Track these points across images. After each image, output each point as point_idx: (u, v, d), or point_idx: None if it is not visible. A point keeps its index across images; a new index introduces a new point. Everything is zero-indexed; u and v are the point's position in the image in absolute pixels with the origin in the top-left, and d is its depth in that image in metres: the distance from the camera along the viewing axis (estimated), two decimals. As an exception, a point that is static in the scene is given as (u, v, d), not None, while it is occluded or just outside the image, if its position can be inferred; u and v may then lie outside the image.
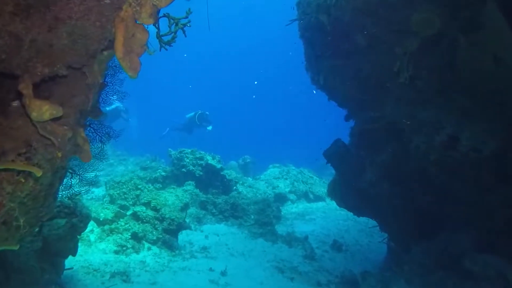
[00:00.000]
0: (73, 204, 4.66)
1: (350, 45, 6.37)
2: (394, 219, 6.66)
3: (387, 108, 6.06)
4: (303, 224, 11.03)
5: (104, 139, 3.90)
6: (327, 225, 11.00)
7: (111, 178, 11.74)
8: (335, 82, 7.13)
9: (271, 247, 8.42)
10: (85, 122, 3.80)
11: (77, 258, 5.73)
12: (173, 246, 6.91)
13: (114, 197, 8.87)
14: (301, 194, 13.40)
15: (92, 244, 6.29)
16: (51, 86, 2.52)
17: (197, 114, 15.61)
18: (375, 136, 6.43)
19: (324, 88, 7.50)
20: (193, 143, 15.15)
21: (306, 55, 7.68)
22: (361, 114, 6.91)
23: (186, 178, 10.70)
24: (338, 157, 6.91)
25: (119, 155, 15.61)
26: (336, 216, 11.98)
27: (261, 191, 12.53)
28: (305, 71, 8.00)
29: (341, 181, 7.27)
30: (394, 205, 6.41)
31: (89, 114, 2.87)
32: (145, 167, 11.50)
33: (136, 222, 6.99)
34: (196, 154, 10.97)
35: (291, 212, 12.16)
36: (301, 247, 8.69)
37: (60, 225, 4.44)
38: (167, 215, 7.08)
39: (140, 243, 6.69)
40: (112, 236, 6.53)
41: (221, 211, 9.53)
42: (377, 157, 6.39)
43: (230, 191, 11.14)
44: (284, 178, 13.77)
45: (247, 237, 8.70)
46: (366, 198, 6.82)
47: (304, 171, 15.03)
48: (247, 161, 16.28)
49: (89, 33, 2.14)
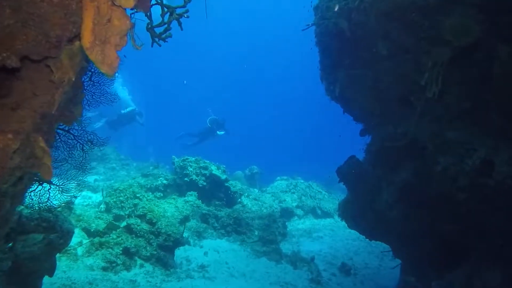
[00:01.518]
0: (54, 217, 4.15)
1: (370, 53, 5.84)
2: (411, 246, 6.04)
3: (409, 124, 5.48)
4: (310, 242, 10.41)
5: (86, 147, 3.39)
6: (335, 245, 10.36)
7: (110, 183, 11.28)
8: (351, 93, 6.60)
9: (274, 268, 7.82)
10: (64, 128, 3.31)
11: (59, 275, 5.22)
12: (168, 264, 6.35)
13: (110, 206, 8.38)
14: (309, 210, 12.78)
15: (79, 258, 5.77)
16: (10, 82, 2.03)
17: (210, 118, 15.05)
18: (394, 154, 5.84)
19: (339, 99, 6.96)
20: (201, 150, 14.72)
21: (321, 63, 7.15)
22: (379, 129, 6.34)
23: (189, 188, 10.17)
24: (353, 176, 6.33)
25: (122, 160, 15.17)
26: (345, 235, 11.33)
27: (267, 204, 11.95)
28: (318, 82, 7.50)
29: (354, 201, 6.67)
30: (412, 230, 5.81)
31: (58, 118, 2.37)
32: (147, 174, 10.99)
33: (129, 235, 6.46)
34: (200, 163, 10.45)
35: (298, 228, 11.55)
36: (307, 268, 8.08)
37: (36, 241, 3.92)
38: (163, 230, 6.54)
39: (132, 259, 6.15)
40: (101, 251, 6.00)
41: (223, 225, 8.96)
42: (395, 177, 5.80)
43: (234, 203, 10.57)
44: (292, 192, 13.18)
45: (249, 256, 8.11)
46: (381, 221, 6.21)
47: (313, 185, 14.42)
48: (254, 172, 15.72)
49: (45, 13, 1.63)
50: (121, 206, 8.38)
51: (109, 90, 3.54)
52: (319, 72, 7.35)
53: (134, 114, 15.42)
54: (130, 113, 15.31)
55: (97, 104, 3.46)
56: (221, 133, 15.01)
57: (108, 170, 14.17)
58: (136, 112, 15.49)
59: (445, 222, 5.30)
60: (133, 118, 15.46)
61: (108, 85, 3.52)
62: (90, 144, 3.34)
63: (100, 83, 3.41)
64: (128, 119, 15.43)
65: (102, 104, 3.50)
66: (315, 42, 7.00)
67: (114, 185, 9.35)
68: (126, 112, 15.27)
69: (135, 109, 15.53)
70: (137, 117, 15.54)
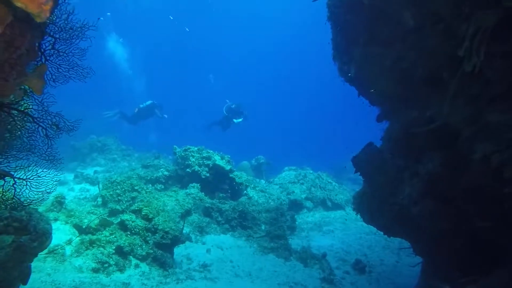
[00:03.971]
0: (27, 216, 3.55)
1: (392, 27, 5.12)
2: (436, 245, 5.38)
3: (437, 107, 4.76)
4: (321, 236, 9.79)
5: (50, 132, 2.75)
6: (348, 239, 9.73)
7: (110, 175, 10.73)
8: (368, 73, 5.88)
9: (283, 266, 7.21)
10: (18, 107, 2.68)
11: (43, 278, 4.65)
12: (166, 264, 5.77)
13: (106, 199, 7.82)
14: (319, 202, 12.14)
15: (66, 259, 5.20)
16: None
17: (225, 106, 14.40)
18: (418, 142, 5.14)
19: (354, 81, 6.26)
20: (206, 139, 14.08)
21: (334, 41, 6.43)
22: (401, 114, 5.63)
23: (191, 180, 9.58)
24: (371, 166, 5.65)
25: (123, 150, 14.63)
26: (357, 228, 10.69)
27: (274, 196, 11.32)
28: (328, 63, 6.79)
29: (372, 194, 6.00)
30: (439, 228, 5.13)
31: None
32: (147, 165, 10.42)
33: (123, 233, 5.87)
34: (203, 153, 9.83)
35: (307, 221, 10.92)
36: (318, 266, 7.46)
37: (4, 244, 3.33)
38: (160, 226, 5.94)
39: (126, 259, 5.57)
40: (92, 250, 5.42)
41: (228, 219, 8.35)
42: (420, 168, 5.12)
43: (240, 195, 9.97)
44: (300, 182, 12.52)
45: (256, 252, 7.50)
46: (403, 217, 5.54)
47: (323, 175, 13.74)
48: (261, 162, 15.10)
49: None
50: (118, 199, 7.81)
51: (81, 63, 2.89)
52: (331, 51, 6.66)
53: (153, 108, 15.05)
54: (149, 106, 14.97)
55: (65, 79, 2.82)
56: (238, 120, 14.29)
57: (108, 161, 13.64)
58: (156, 105, 15.10)
59: (480, 219, 4.62)
60: (152, 111, 15.10)
61: (79, 55, 2.87)
62: (56, 128, 2.70)
63: (68, 53, 2.76)
64: (147, 113, 15.11)
65: (72, 79, 2.85)
66: (327, 17, 6.28)
67: (112, 177, 8.77)
68: (145, 106, 14.95)
69: (154, 102, 15.14)
70: (156, 111, 15.13)
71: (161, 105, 15.38)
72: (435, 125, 4.48)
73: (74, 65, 2.82)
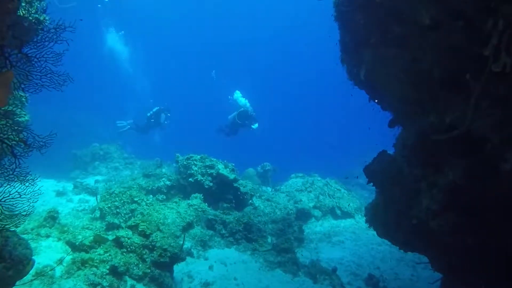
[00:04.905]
0: (2, 241, 3.17)
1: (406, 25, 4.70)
2: (459, 263, 4.92)
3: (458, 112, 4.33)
4: (330, 248, 9.33)
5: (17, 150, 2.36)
6: (359, 251, 9.25)
7: (109, 185, 10.37)
8: (380, 76, 5.46)
9: (291, 283, 6.77)
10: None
11: (29, 305, 4.26)
12: (164, 284, 5.37)
13: (104, 212, 7.45)
14: (327, 210, 11.68)
15: (55, 281, 4.81)
16: None
17: (238, 112, 13.92)
18: (437, 149, 4.70)
19: (364, 84, 5.84)
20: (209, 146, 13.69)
21: (342, 42, 6.02)
22: (417, 119, 5.18)
23: (194, 189, 9.19)
24: (384, 176, 5.21)
25: (126, 158, 14.30)
26: (369, 238, 10.20)
27: (281, 205, 10.89)
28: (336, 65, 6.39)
29: (386, 205, 5.56)
30: (462, 244, 4.67)
31: None
32: (149, 174, 10.04)
33: (118, 250, 5.48)
34: (206, 162, 9.44)
35: (316, 231, 10.47)
36: (329, 282, 7.02)
37: (-26, 276, 2.95)
38: (158, 243, 5.54)
39: (121, 279, 5.17)
40: (84, 270, 5.03)
41: (232, 232, 7.94)
42: (440, 179, 4.67)
43: (245, 205, 9.55)
44: (308, 190, 12.08)
45: (262, 268, 7.07)
46: (421, 231, 5.09)
47: (331, 182, 13.28)
48: (267, 169, 14.68)
49: None
50: (117, 212, 7.45)
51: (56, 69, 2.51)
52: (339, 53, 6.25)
53: (160, 113, 14.89)
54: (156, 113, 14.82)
55: (38, 88, 2.44)
56: (255, 126, 13.82)
57: (110, 169, 13.32)
58: (163, 110, 14.95)
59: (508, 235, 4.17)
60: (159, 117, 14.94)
61: (53, 61, 2.49)
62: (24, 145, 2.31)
63: (40, 59, 2.39)
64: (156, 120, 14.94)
65: (46, 88, 2.47)
66: (334, 17, 5.87)
67: (111, 188, 8.41)
68: (152, 113, 14.81)
69: (161, 108, 14.98)
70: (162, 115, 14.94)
71: (168, 109, 15.19)
72: (458, 132, 4.04)
73: (47, 71, 2.44)
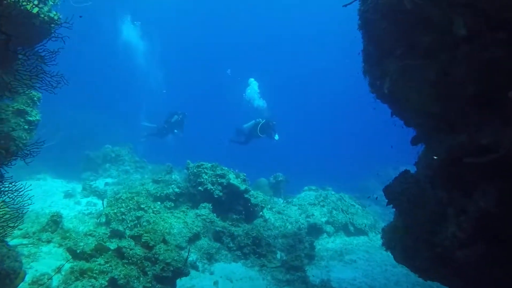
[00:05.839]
0: (-11, 252, 2.92)
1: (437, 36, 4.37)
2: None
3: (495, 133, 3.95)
4: (342, 267, 8.89)
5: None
6: (372, 272, 8.78)
7: (117, 190, 10.17)
8: (405, 90, 5.10)
9: (299, 304, 6.38)
10: None
11: (19, 318, 3.98)
12: (165, 300, 5.06)
13: (109, 218, 7.21)
14: (340, 226, 11.23)
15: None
16: None
17: (260, 124, 13.58)
18: (467, 172, 4.31)
19: (388, 98, 5.49)
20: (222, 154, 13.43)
21: (365, 52, 5.70)
22: (444, 138, 4.80)
23: (203, 198, 8.90)
24: (406, 197, 4.83)
25: (137, 162, 14.13)
26: (383, 258, 9.73)
27: (293, 219, 10.50)
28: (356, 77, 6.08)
29: (406, 229, 5.16)
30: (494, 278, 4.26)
31: None
32: (158, 180, 9.81)
33: (120, 261, 5.20)
34: (217, 171, 9.15)
35: (327, 248, 10.04)
36: (339, 305, 6.60)
37: (-45, 289, 2.70)
38: (161, 256, 5.24)
39: (120, 293, 4.88)
40: (82, 281, 4.76)
41: (240, 246, 7.60)
42: (469, 204, 4.27)
43: (255, 217, 9.21)
44: (321, 205, 11.65)
45: (269, 286, 6.70)
46: (445, 260, 4.68)
47: (345, 197, 12.83)
48: (279, 180, 14.31)
49: None
50: (122, 218, 7.21)
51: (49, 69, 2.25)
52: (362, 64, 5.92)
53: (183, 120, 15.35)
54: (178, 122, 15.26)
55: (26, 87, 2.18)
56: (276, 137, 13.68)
57: (121, 172, 13.16)
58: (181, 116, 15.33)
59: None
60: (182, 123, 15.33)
61: (47, 60, 2.24)
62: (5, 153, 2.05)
63: (29, 57, 2.13)
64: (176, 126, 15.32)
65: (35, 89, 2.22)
66: (358, 25, 5.55)
67: (118, 193, 8.19)
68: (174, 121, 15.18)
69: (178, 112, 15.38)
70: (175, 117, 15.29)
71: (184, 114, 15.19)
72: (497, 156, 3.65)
73: (38, 71, 2.19)
